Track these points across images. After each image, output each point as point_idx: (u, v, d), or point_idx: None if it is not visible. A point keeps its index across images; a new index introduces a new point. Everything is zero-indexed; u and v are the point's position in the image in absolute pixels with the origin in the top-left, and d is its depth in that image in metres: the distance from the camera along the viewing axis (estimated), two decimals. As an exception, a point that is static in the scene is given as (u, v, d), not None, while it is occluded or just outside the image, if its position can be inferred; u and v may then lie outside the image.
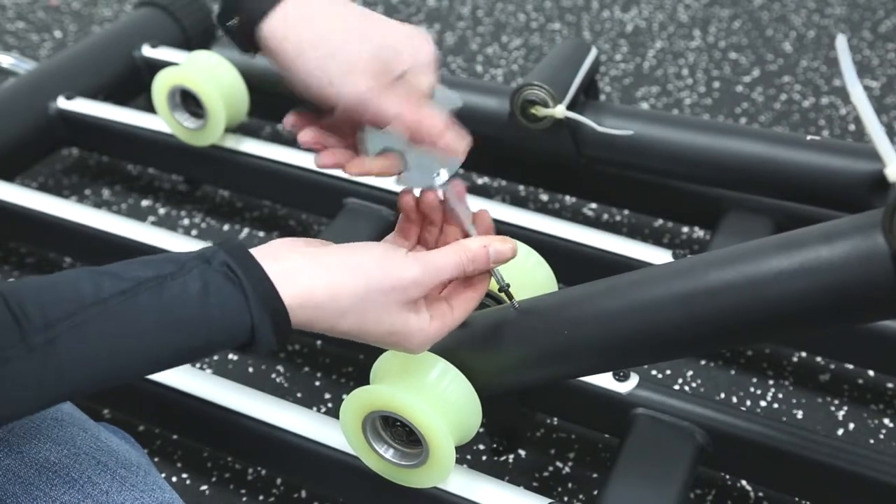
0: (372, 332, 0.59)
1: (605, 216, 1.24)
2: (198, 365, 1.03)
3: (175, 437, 0.97)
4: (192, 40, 1.39)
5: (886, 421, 0.97)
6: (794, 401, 0.99)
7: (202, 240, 1.15)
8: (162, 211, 1.27)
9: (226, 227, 1.24)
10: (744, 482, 0.91)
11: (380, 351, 0.70)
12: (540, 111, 0.99)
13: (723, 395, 1.00)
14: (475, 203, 1.05)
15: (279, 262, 0.56)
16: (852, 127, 1.42)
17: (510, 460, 0.94)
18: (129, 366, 0.52)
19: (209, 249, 0.56)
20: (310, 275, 0.57)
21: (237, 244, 0.56)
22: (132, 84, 1.32)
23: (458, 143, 0.63)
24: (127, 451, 0.65)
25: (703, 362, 1.04)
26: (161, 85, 1.12)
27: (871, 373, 1.02)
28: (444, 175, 0.65)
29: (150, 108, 1.19)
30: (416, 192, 0.66)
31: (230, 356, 1.04)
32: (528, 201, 1.26)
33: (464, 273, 0.62)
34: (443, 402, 0.68)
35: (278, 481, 0.93)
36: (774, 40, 1.64)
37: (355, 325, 0.58)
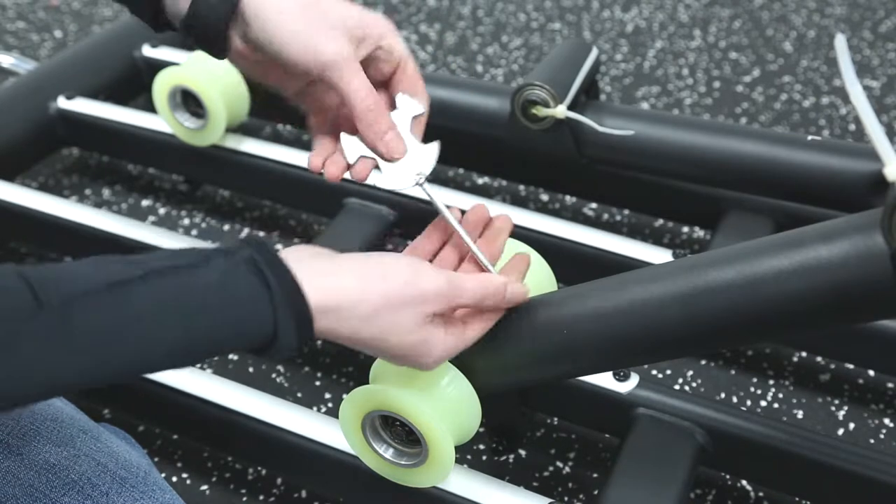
0: (393, 343, 0.59)
1: (605, 216, 1.24)
2: (198, 365, 1.03)
3: (175, 437, 0.97)
4: (193, 40, 1.39)
5: (887, 421, 0.97)
6: (795, 401, 0.99)
7: (202, 240, 1.15)
8: (162, 211, 1.27)
9: (226, 227, 1.24)
10: (744, 482, 0.91)
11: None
12: (541, 111, 0.99)
13: (723, 395, 1.00)
14: (476, 203, 1.05)
15: (305, 263, 0.56)
16: (852, 127, 1.42)
17: (510, 460, 0.94)
18: (143, 355, 0.51)
19: (233, 244, 0.55)
20: (337, 277, 0.57)
21: (262, 241, 0.56)
22: (132, 84, 1.32)
23: (397, 145, 0.67)
24: (127, 451, 0.65)
25: (703, 362, 1.04)
26: (162, 85, 1.12)
27: (871, 373, 1.02)
28: (422, 177, 0.69)
29: (150, 108, 1.19)
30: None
31: (230, 356, 1.05)
32: (528, 201, 1.26)
33: (480, 304, 0.63)
34: (442, 402, 0.68)
35: (278, 481, 0.93)
36: (775, 40, 1.64)
37: (379, 332, 0.58)
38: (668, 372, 1.03)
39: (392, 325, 0.58)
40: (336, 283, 0.56)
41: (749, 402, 0.99)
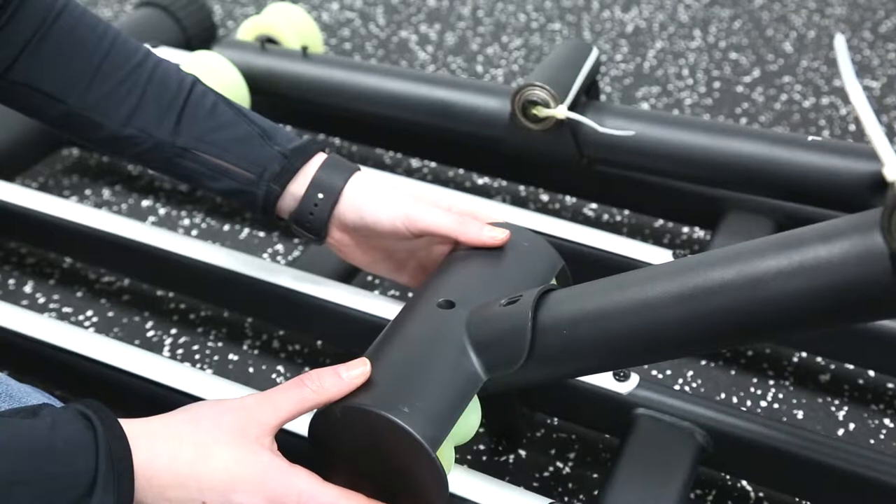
0: (216, 464, 0.59)
1: (605, 216, 1.24)
2: (198, 365, 1.04)
3: (175, 437, 0.97)
4: (193, 40, 1.39)
5: (887, 421, 0.97)
6: (795, 401, 0.99)
7: (202, 240, 1.15)
8: (162, 211, 1.27)
9: (226, 227, 1.24)
10: (744, 482, 0.91)
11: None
12: (541, 111, 0.99)
13: (723, 395, 1.00)
14: (476, 203, 1.05)
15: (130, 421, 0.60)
16: (852, 127, 1.42)
17: (510, 460, 0.94)
18: None
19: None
20: (151, 419, 0.61)
21: (94, 402, 0.59)
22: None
23: (496, 232, 0.76)
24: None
25: (703, 362, 1.04)
26: (161, 85, 1.12)
27: (871, 373, 1.02)
28: None
29: (150, 108, 1.19)
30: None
31: (230, 356, 1.05)
32: (528, 201, 1.27)
33: (303, 401, 0.64)
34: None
35: (278, 481, 0.93)
36: (775, 40, 1.64)
37: (195, 450, 0.59)
38: (668, 372, 1.03)
39: (206, 438, 0.60)
40: (148, 419, 0.61)
41: (749, 403, 0.99)
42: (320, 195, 0.78)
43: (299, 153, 0.79)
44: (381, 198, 0.78)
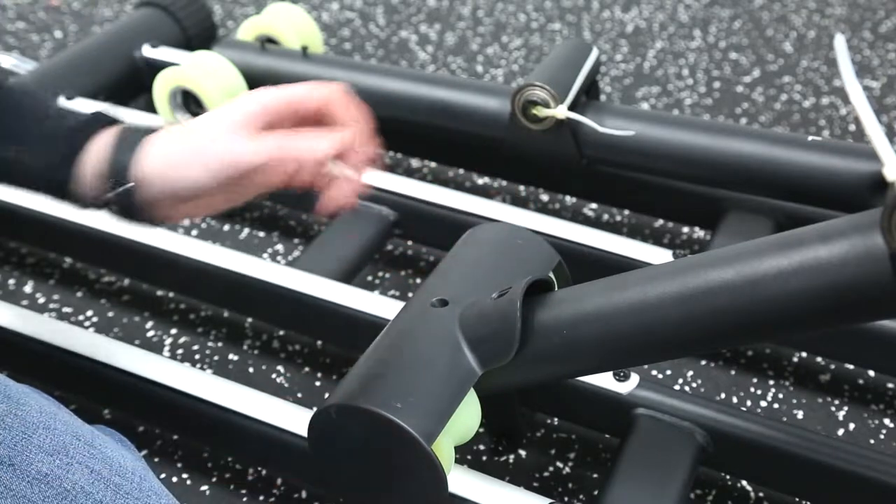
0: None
1: (605, 216, 1.24)
2: (198, 365, 1.04)
3: (175, 437, 0.97)
4: (193, 40, 1.39)
5: (887, 421, 0.97)
6: (795, 401, 0.99)
7: (202, 240, 1.15)
8: (162, 211, 1.27)
9: (226, 227, 1.24)
10: (744, 482, 0.91)
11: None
12: (541, 111, 0.99)
13: (723, 395, 1.00)
14: (476, 203, 1.05)
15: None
16: (852, 127, 1.42)
17: (510, 460, 0.94)
18: None
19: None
20: None
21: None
22: (133, 84, 1.32)
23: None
24: (122, 456, 0.64)
25: (703, 362, 1.04)
26: (162, 85, 1.12)
27: (871, 373, 1.02)
28: None
29: (150, 108, 1.19)
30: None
31: (230, 356, 1.05)
32: (528, 201, 1.26)
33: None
34: (442, 402, 0.68)
35: (278, 481, 0.93)
36: (775, 40, 1.64)
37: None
38: (668, 372, 1.03)
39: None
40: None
41: (749, 402, 0.99)
42: (116, 184, 0.68)
43: (78, 135, 0.71)
44: (187, 164, 0.68)
